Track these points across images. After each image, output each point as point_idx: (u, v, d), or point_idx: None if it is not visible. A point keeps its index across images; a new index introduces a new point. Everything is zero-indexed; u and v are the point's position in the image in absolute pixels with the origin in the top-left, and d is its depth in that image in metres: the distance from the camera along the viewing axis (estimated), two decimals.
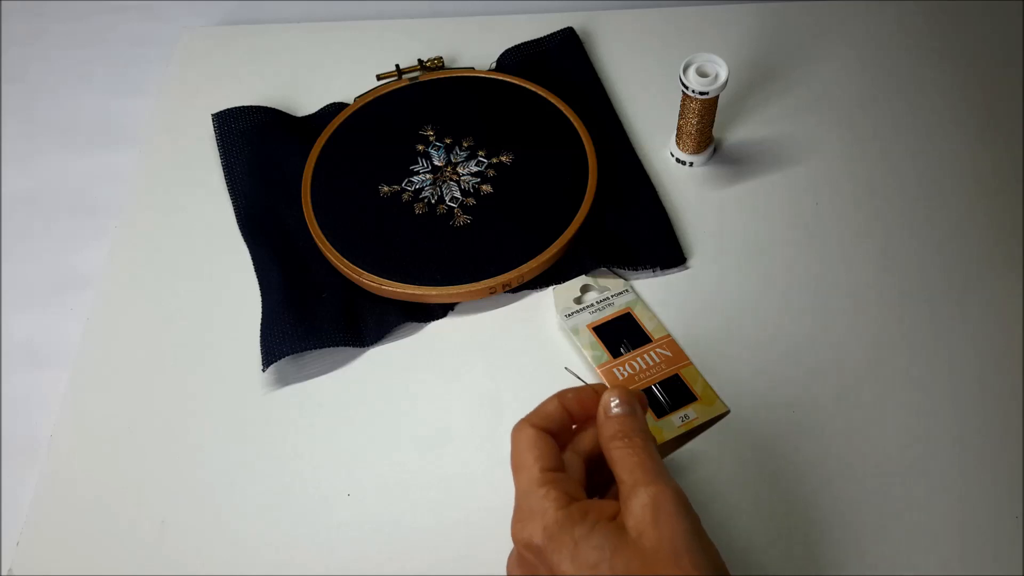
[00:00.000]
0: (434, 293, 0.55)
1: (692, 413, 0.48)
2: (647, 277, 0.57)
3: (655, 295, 0.56)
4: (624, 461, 0.37)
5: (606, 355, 0.52)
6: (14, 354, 0.56)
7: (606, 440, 0.39)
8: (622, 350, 0.53)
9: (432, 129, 0.63)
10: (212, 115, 0.64)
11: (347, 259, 0.56)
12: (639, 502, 0.35)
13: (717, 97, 0.58)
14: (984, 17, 0.71)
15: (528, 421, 0.40)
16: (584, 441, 0.41)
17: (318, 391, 0.53)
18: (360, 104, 0.65)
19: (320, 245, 0.57)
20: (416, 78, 0.66)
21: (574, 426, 0.41)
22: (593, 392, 0.41)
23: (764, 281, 0.57)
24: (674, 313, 0.55)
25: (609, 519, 0.36)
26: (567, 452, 0.40)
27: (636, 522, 0.35)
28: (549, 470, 0.38)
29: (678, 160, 0.63)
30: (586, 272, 0.56)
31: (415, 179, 0.60)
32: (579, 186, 0.59)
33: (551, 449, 0.39)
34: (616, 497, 0.38)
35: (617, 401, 0.39)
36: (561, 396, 0.41)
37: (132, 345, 0.55)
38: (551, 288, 0.56)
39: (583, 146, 0.61)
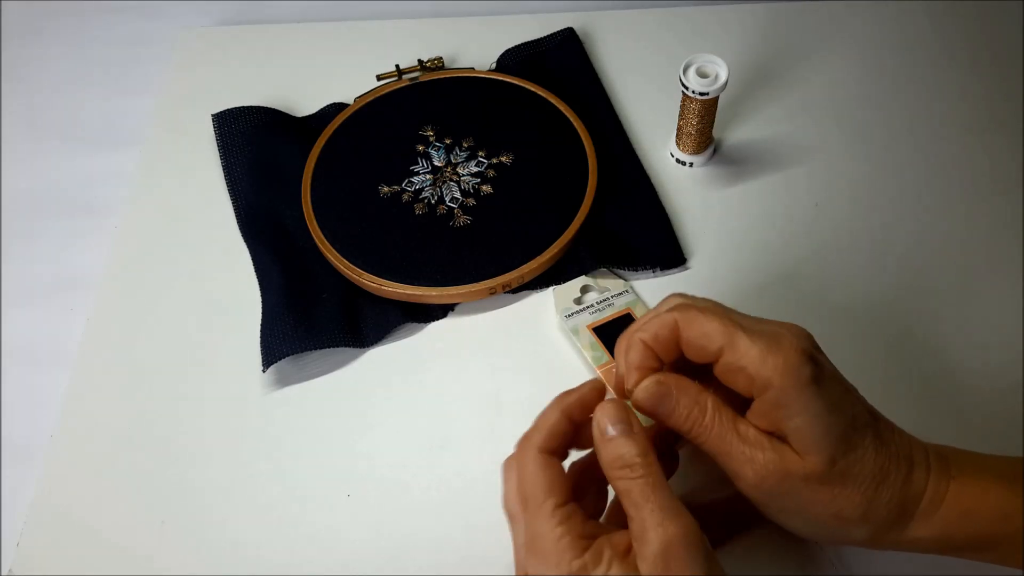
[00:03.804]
0: (434, 293, 0.55)
1: None
2: (647, 277, 0.57)
3: (655, 295, 0.56)
4: (630, 494, 0.36)
5: (606, 356, 0.52)
6: (14, 354, 0.56)
7: (606, 467, 0.37)
8: None
9: (432, 129, 0.63)
10: (212, 115, 0.64)
11: (347, 259, 0.56)
12: (651, 549, 0.34)
13: (717, 98, 0.58)
14: (984, 17, 0.72)
15: (533, 444, 0.38)
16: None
17: (318, 391, 0.53)
18: (360, 104, 0.65)
19: (320, 245, 0.57)
20: (416, 78, 0.66)
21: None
22: (594, 391, 0.39)
23: (764, 281, 0.56)
24: None
25: (623, 556, 0.35)
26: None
27: (649, 566, 0.34)
28: (561, 505, 0.36)
29: (678, 160, 0.63)
30: (586, 272, 0.56)
31: (415, 179, 0.60)
32: (579, 186, 0.59)
33: (560, 478, 0.37)
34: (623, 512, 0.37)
35: (609, 422, 0.37)
36: (562, 404, 0.39)
37: (132, 345, 0.55)
38: (551, 288, 0.56)
39: (583, 146, 0.61)
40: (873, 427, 0.38)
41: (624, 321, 0.54)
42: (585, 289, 0.56)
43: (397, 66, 0.67)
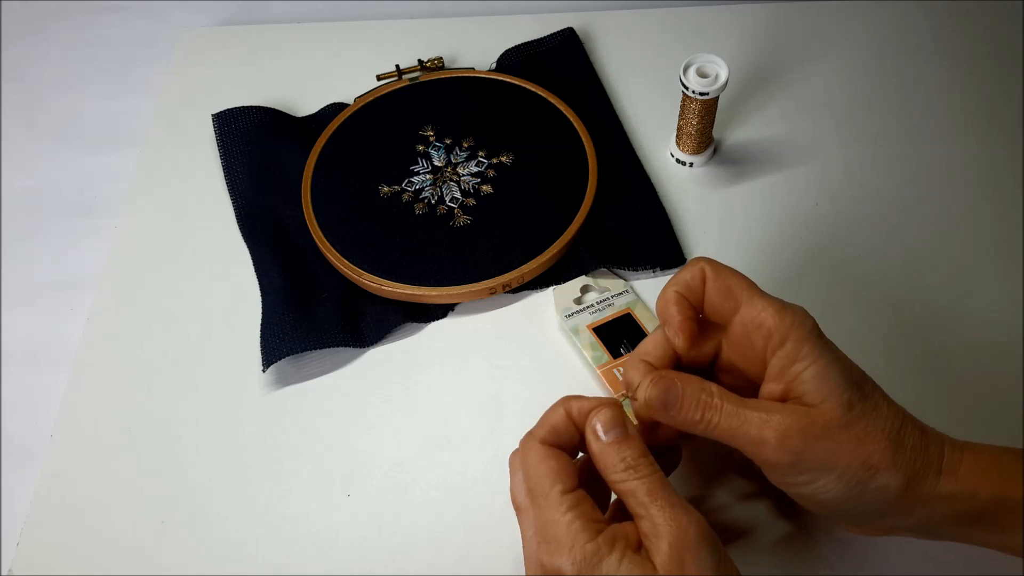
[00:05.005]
0: (434, 293, 0.55)
1: None
2: (647, 277, 0.57)
3: (655, 295, 0.55)
4: (636, 494, 0.36)
5: (606, 356, 0.52)
6: (14, 354, 0.56)
7: (607, 472, 0.37)
8: (622, 350, 0.53)
9: (432, 129, 0.63)
10: (212, 115, 0.65)
11: (347, 259, 0.56)
12: (665, 543, 0.34)
13: (717, 98, 0.58)
14: (984, 17, 0.72)
15: (536, 437, 0.38)
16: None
17: (318, 391, 0.53)
18: (360, 104, 0.65)
19: (320, 245, 0.57)
20: (416, 78, 0.66)
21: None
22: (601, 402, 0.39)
23: (764, 281, 0.56)
24: None
25: (635, 549, 0.35)
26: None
27: (663, 560, 0.34)
28: (569, 491, 0.36)
29: (678, 160, 0.63)
30: (586, 272, 0.56)
31: (415, 179, 0.60)
32: (579, 186, 0.59)
33: (565, 466, 0.37)
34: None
35: (603, 428, 0.37)
36: (567, 406, 0.39)
37: (132, 345, 0.55)
38: (551, 288, 0.56)
39: (583, 146, 0.61)
40: (879, 387, 0.40)
41: (624, 321, 0.54)
42: (585, 289, 0.56)
43: (397, 66, 0.67)
